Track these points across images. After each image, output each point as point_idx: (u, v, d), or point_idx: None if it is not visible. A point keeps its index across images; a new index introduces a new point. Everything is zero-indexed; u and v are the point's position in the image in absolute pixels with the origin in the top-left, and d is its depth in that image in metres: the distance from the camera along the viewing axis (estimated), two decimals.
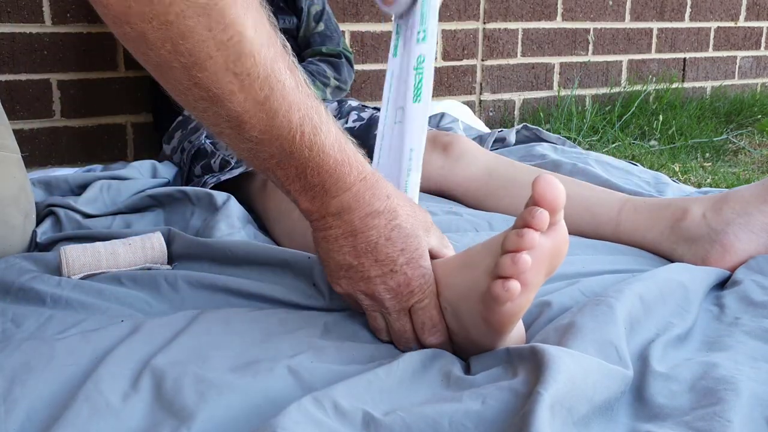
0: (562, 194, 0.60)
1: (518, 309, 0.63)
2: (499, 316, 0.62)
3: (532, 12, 2.29)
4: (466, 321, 0.67)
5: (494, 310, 0.62)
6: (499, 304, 0.61)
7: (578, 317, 0.69)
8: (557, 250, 0.63)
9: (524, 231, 0.59)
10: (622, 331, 0.67)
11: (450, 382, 0.62)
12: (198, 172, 1.26)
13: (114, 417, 0.56)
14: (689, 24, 2.62)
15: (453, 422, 0.54)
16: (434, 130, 1.33)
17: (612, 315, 0.69)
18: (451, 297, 0.68)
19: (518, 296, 0.60)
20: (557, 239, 0.62)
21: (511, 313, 0.62)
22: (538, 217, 0.59)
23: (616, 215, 1.02)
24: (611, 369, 0.60)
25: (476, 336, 0.67)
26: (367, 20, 2.01)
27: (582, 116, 2.35)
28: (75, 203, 1.09)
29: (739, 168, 2.08)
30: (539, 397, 0.53)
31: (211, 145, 1.26)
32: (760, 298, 0.80)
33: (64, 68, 1.68)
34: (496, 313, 0.62)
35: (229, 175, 1.13)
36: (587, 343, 0.64)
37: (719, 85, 2.76)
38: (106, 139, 1.76)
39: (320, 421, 0.53)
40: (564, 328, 0.68)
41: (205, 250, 0.89)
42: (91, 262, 0.86)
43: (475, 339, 0.67)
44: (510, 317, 0.63)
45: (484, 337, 0.66)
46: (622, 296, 0.73)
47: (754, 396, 0.60)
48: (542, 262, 0.61)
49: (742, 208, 0.91)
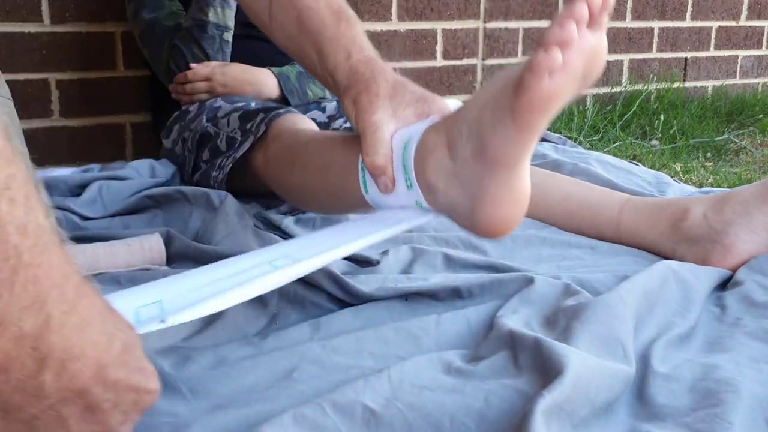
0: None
1: (555, 93, 0.58)
2: (533, 93, 0.58)
3: (532, 11, 2.29)
4: (488, 127, 0.63)
5: (529, 87, 0.58)
6: (539, 76, 0.57)
7: (589, 306, 0.68)
8: (598, 52, 0.60)
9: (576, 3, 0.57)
10: (630, 329, 0.67)
11: (450, 370, 0.61)
12: (206, 156, 1.24)
13: None
14: (690, 23, 2.61)
15: (454, 420, 0.54)
16: None
17: (623, 309, 0.69)
18: (474, 111, 0.64)
19: (558, 75, 0.57)
20: (600, 41, 0.60)
21: (547, 95, 0.58)
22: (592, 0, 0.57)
23: (617, 215, 1.01)
24: (614, 369, 0.60)
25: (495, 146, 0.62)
26: (367, 19, 2.01)
27: (583, 116, 2.34)
28: (73, 205, 1.09)
29: (741, 168, 2.07)
30: (541, 399, 0.52)
31: (213, 126, 1.25)
32: (762, 299, 0.80)
33: (62, 68, 1.67)
34: (531, 92, 0.58)
35: (241, 151, 1.11)
36: (594, 337, 0.64)
37: (721, 84, 2.75)
38: (104, 138, 1.75)
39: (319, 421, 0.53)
40: (572, 313, 0.68)
41: (201, 256, 0.89)
42: (90, 263, 0.86)
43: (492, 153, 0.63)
44: (544, 102, 0.58)
45: (504, 143, 0.62)
46: (632, 291, 0.73)
47: (755, 397, 0.59)
48: (586, 50, 0.58)
49: (743, 208, 0.91)
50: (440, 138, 0.68)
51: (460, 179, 0.67)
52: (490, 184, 0.65)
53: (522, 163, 0.65)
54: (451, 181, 0.67)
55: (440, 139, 0.68)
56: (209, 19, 1.41)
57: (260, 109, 1.17)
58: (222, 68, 1.41)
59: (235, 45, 1.47)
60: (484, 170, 0.64)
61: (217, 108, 1.29)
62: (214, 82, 1.40)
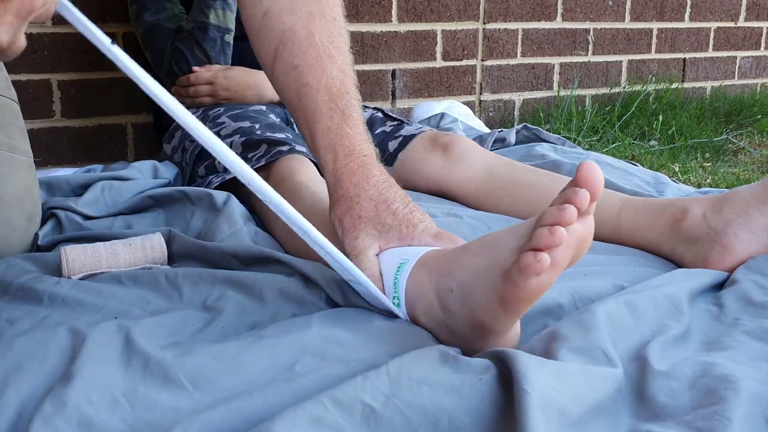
0: (602, 183, 0.59)
1: (542, 288, 0.61)
2: (521, 291, 0.61)
3: (532, 12, 2.30)
4: (477, 301, 0.65)
5: (518, 285, 0.61)
6: (526, 276, 0.60)
7: (562, 326, 0.69)
8: (585, 239, 0.62)
9: (566, 206, 0.59)
10: (606, 335, 0.67)
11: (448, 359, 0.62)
12: (202, 172, 1.26)
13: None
14: (689, 24, 2.62)
15: (452, 418, 0.55)
16: (434, 131, 1.33)
17: (594, 320, 0.69)
18: (464, 277, 0.66)
19: (545, 273, 0.59)
20: (588, 229, 0.61)
21: (534, 291, 0.61)
22: (580, 196, 0.58)
23: (616, 215, 1.02)
24: (594, 371, 0.60)
25: (486, 319, 0.65)
26: (367, 20, 2.01)
27: (582, 116, 2.35)
28: (75, 205, 1.09)
29: (739, 168, 2.08)
30: (528, 397, 0.53)
31: None
32: (760, 299, 0.80)
33: (64, 68, 1.68)
34: (518, 289, 0.61)
35: (231, 176, 1.13)
36: (573, 352, 0.64)
37: (719, 85, 2.76)
38: (106, 139, 1.76)
39: (320, 418, 0.53)
40: (549, 336, 0.68)
41: (204, 252, 0.90)
42: (92, 262, 0.86)
43: (482, 324, 0.65)
44: (531, 295, 0.61)
45: (495, 319, 0.64)
46: (605, 303, 0.73)
47: (755, 395, 0.60)
48: (572, 245, 0.60)
49: (742, 208, 0.91)
50: (431, 284, 0.70)
51: (450, 328, 0.69)
52: (481, 342, 0.67)
53: (513, 328, 0.68)
54: (441, 327, 0.69)
55: (430, 285, 0.70)
56: (210, 21, 1.42)
57: (264, 140, 1.18)
58: (224, 72, 1.42)
59: (235, 47, 1.47)
60: (474, 332, 0.67)
61: (221, 125, 1.29)
62: (216, 85, 1.40)
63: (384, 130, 1.35)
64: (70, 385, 0.59)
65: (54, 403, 0.56)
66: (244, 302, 0.77)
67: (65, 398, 0.57)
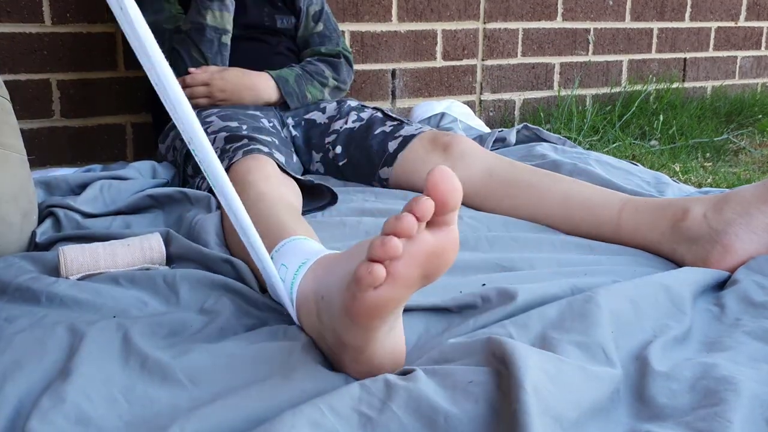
0: (456, 192, 0.54)
1: (382, 302, 0.57)
2: (360, 304, 0.57)
3: (532, 12, 2.29)
4: (333, 313, 0.62)
5: (356, 297, 0.57)
6: (361, 288, 0.56)
7: (566, 316, 0.68)
8: (440, 252, 0.57)
9: (403, 215, 0.54)
10: (608, 333, 0.67)
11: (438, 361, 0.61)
12: (190, 171, 1.26)
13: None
14: (689, 24, 2.62)
15: (448, 418, 0.55)
16: (434, 130, 1.32)
17: (598, 315, 0.69)
18: (323, 289, 0.64)
19: (383, 287, 0.56)
20: (443, 241, 0.57)
21: (374, 305, 0.57)
22: (421, 204, 0.54)
23: (617, 215, 1.01)
24: (592, 371, 0.60)
25: (340, 331, 0.62)
26: (367, 20, 2.01)
27: (582, 116, 2.35)
28: (74, 203, 1.09)
29: (740, 168, 2.07)
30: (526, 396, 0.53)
31: None
32: (761, 299, 0.80)
33: (63, 68, 1.68)
34: (357, 301, 0.57)
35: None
36: (573, 346, 0.64)
37: (720, 85, 2.75)
38: (105, 139, 1.76)
39: (317, 423, 0.53)
40: (551, 324, 0.68)
41: (200, 256, 0.90)
42: (90, 263, 0.86)
43: (340, 336, 0.62)
44: (371, 309, 0.57)
45: (348, 332, 0.61)
46: (610, 295, 0.73)
47: (755, 396, 0.59)
48: (418, 258, 0.56)
49: (743, 208, 0.91)
50: (312, 289, 0.67)
51: (325, 337, 0.66)
52: (344, 355, 0.64)
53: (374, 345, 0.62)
54: (319, 337, 0.67)
55: (311, 290, 0.67)
56: (207, 23, 1.41)
57: (245, 136, 1.17)
58: (221, 73, 1.41)
59: (233, 47, 1.47)
60: (337, 345, 0.64)
61: (210, 123, 1.28)
62: (212, 87, 1.40)
63: (384, 130, 1.35)
64: (68, 381, 0.59)
65: (52, 400, 0.57)
66: (242, 307, 0.77)
67: (63, 395, 0.57)
